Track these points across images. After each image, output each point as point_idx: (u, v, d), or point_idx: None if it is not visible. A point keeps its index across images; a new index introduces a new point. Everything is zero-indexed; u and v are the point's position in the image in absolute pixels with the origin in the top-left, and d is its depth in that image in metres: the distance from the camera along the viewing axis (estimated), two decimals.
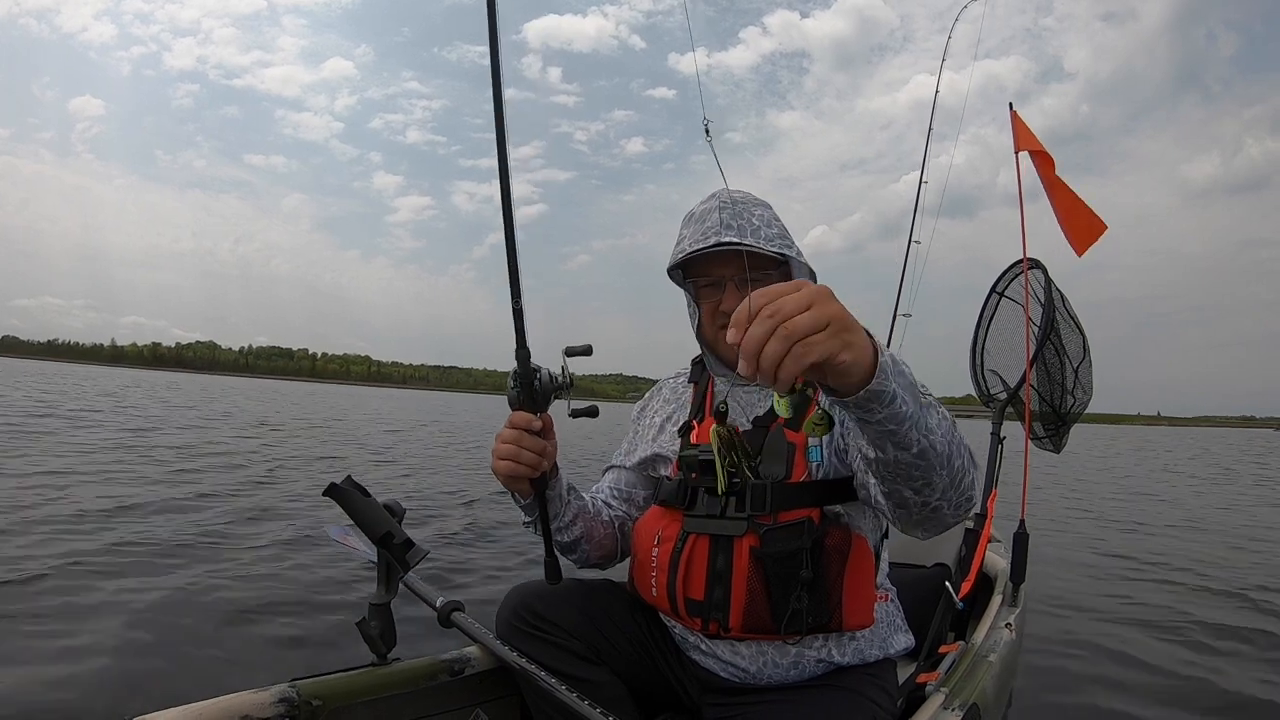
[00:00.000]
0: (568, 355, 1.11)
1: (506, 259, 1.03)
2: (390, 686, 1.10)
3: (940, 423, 0.81)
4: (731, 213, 1.11)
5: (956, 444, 0.84)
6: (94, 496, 4.51)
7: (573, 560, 1.25)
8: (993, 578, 2.09)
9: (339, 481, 1.09)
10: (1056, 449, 2.29)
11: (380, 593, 1.13)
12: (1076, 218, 2.18)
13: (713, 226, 1.11)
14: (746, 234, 1.10)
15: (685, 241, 1.14)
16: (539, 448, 1.07)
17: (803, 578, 1.01)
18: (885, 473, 0.84)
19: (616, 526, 1.27)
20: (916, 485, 0.83)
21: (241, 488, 5.44)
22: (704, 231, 1.11)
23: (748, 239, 1.09)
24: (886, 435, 0.77)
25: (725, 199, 1.13)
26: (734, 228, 1.10)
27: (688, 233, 1.15)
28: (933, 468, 0.81)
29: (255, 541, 3.70)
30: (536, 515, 1.15)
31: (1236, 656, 2.73)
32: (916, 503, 0.86)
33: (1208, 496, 9.38)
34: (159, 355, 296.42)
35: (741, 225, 1.10)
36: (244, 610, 2.63)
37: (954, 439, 0.83)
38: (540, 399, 1.08)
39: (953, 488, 0.85)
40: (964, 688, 1.33)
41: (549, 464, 1.10)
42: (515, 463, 1.06)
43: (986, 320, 2.40)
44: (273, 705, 0.95)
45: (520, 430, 1.06)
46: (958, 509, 0.89)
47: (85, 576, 2.84)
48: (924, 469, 0.81)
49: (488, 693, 1.22)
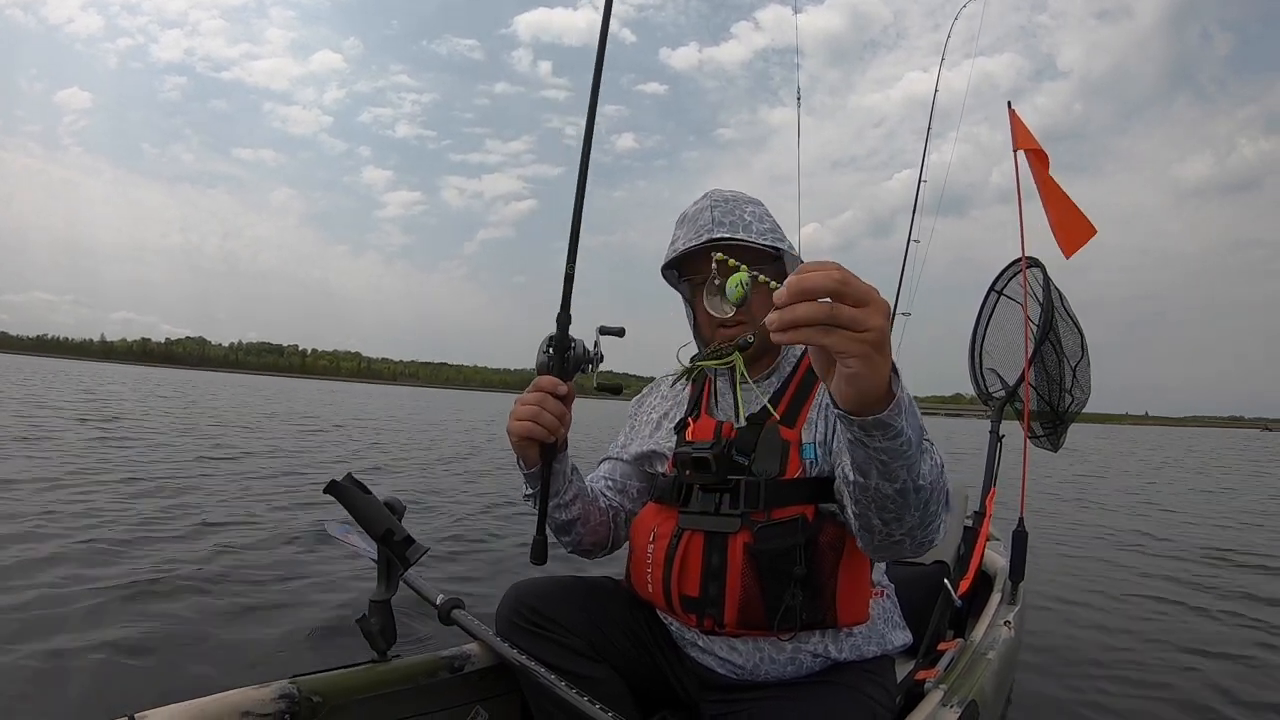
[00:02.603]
0: (601, 334, 1.15)
1: (571, 223, 1.13)
2: (390, 683, 1.10)
3: (930, 470, 0.83)
4: (724, 210, 1.14)
5: (939, 490, 0.86)
6: (108, 498, 4.48)
7: (565, 544, 1.25)
8: (991, 575, 2.10)
9: (339, 479, 1.08)
10: (1054, 448, 2.30)
11: (380, 589, 1.12)
12: (1067, 219, 2.21)
13: (705, 224, 1.13)
14: (739, 229, 1.12)
15: (679, 241, 1.16)
16: (559, 412, 1.08)
17: (796, 574, 1.02)
18: (861, 497, 0.85)
19: (611, 515, 1.26)
20: (887, 517, 0.85)
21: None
22: (697, 230, 1.14)
23: (740, 234, 1.11)
24: (876, 464, 0.78)
25: (716, 198, 1.16)
26: (726, 224, 1.12)
27: (681, 233, 1.17)
28: (908, 506, 0.83)
29: (260, 538, 3.69)
30: (538, 488, 1.15)
31: (1237, 655, 2.75)
32: (882, 532, 0.88)
33: (1206, 495, 9.46)
34: (148, 351, 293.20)
35: (734, 221, 1.13)
36: (244, 607, 2.62)
37: (938, 485, 0.85)
38: (569, 368, 1.10)
39: (920, 527, 0.87)
40: (963, 685, 1.34)
41: (564, 432, 1.11)
42: (534, 423, 1.06)
43: (985, 319, 2.41)
44: (273, 701, 0.95)
45: (545, 393, 1.07)
46: (919, 546, 0.91)
47: (83, 571, 2.82)
48: (899, 505, 0.83)
49: (488, 689, 1.22)
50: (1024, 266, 2.22)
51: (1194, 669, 2.58)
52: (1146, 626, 3.09)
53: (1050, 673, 2.45)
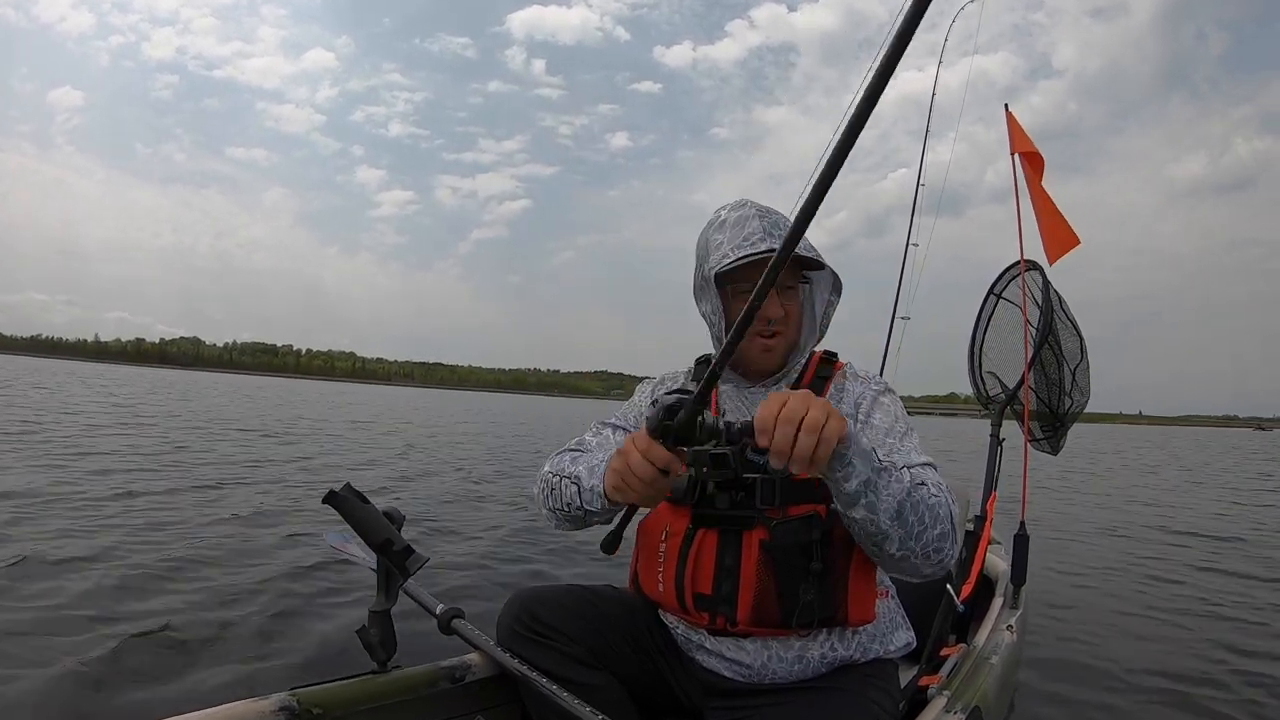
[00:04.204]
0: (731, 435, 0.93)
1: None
2: (391, 694, 1.09)
3: (901, 492, 0.92)
4: (770, 221, 1.13)
5: (928, 513, 0.94)
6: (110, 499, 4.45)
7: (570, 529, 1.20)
8: (993, 580, 2.10)
9: (337, 489, 1.07)
10: (1054, 450, 2.30)
11: (380, 600, 1.12)
12: (1054, 226, 2.24)
13: (754, 233, 1.11)
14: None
15: (726, 247, 1.12)
16: (665, 490, 0.97)
17: (813, 570, 1.03)
18: (847, 525, 0.97)
19: None
20: (869, 544, 0.97)
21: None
22: (745, 237, 1.11)
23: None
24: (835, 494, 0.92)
25: (759, 207, 1.15)
26: (775, 235, 1.11)
27: (724, 238, 1.13)
28: (884, 535, 0.93)
29: (256, 548, 3.66)
30: (599, 510, 1.08)
31: (1240, 656, 2.75)
32: (876, 554, 0.98)
33: (1206, 494, 9.49)
34: (142, 351, 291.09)
35: (781, 234, 1.10)
36: (243, 617, 2.60)
37: (924, 508, 0.94)
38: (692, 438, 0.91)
39: (917, 550, 0.95)
40: (966, 690, 1.33)
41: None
42: (636, 496, 0.96)
43: (984, 322, 2.41)
44: (273, 713, 0.94)
45: (658, 472, 0.93)
46: (927, 564, 0.97)
47: (81, 577, 2.80)
48: (874, 531, 0.93)
49: (489, 699, 1.21)
50: (1023, 269, 2.22)
51: (1198, 673, 2.58)
52: (1149, 630, 3.09)
53: (1053, 677, 2.45)
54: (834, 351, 1.24)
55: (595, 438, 1.26)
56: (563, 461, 1.18)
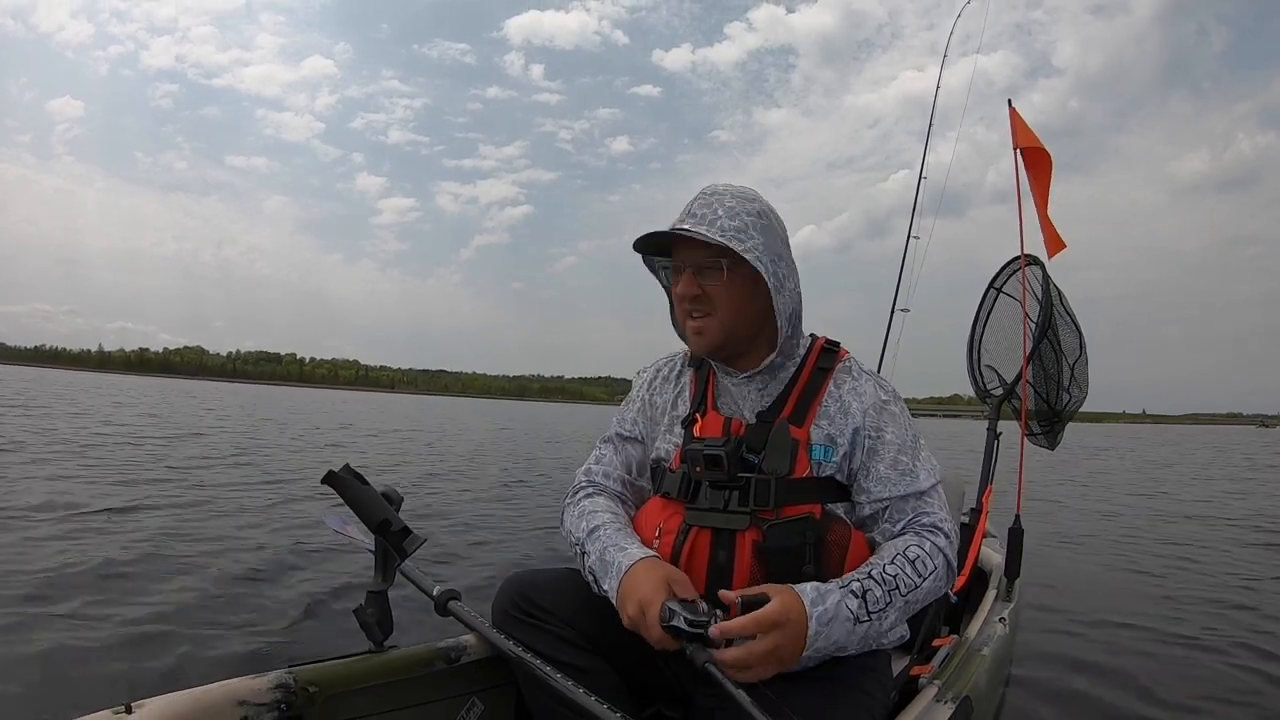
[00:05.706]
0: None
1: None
2: (387, 673, 1.10)
3: (890, 620, 1.00)
4: (703, 202, 1.10)
5: (915, 602, 1.02)
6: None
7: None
8: (987, 572, 2.11)
9: (337, 469, 1.08)
10: (1051, 446, 2.30)
11: (377, 580, 1.12)
12: (1048, 227, 2.24)
13: (681, 214, 1.10)
14: (704, 222, 1.07)
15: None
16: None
17: (807, 572, 1.01)
18: None
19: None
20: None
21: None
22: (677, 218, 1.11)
23: (701, 227, 1.06)
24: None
25: (708, 190, 1.12)
26: (697, 215, 1.08)
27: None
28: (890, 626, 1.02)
29: (255, 529, 3.69)
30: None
31: (1233, 651, 2.76)
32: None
33: (1206, 494, 9.48)
34: (146, 361, 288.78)
35: (704, 214, 1.08)
36: (241, 596, 2.62)
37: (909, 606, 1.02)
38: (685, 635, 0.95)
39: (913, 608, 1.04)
40: (957, 681, 1.34)
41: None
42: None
43: (984, 316, 2.40)
44: (270, 691, 0.95)
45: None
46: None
47: (82, 562, 2.83)
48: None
49: (484, 680, 1.22)
50: (1023, 264, 2.22)
51: (1191, 666, 2.59)
52: (1142, 623, 3.09)
53: (1045, 669, 2.45)
54: (836, 341, 1.22)
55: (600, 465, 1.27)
56: (580, 530, 1.15)
